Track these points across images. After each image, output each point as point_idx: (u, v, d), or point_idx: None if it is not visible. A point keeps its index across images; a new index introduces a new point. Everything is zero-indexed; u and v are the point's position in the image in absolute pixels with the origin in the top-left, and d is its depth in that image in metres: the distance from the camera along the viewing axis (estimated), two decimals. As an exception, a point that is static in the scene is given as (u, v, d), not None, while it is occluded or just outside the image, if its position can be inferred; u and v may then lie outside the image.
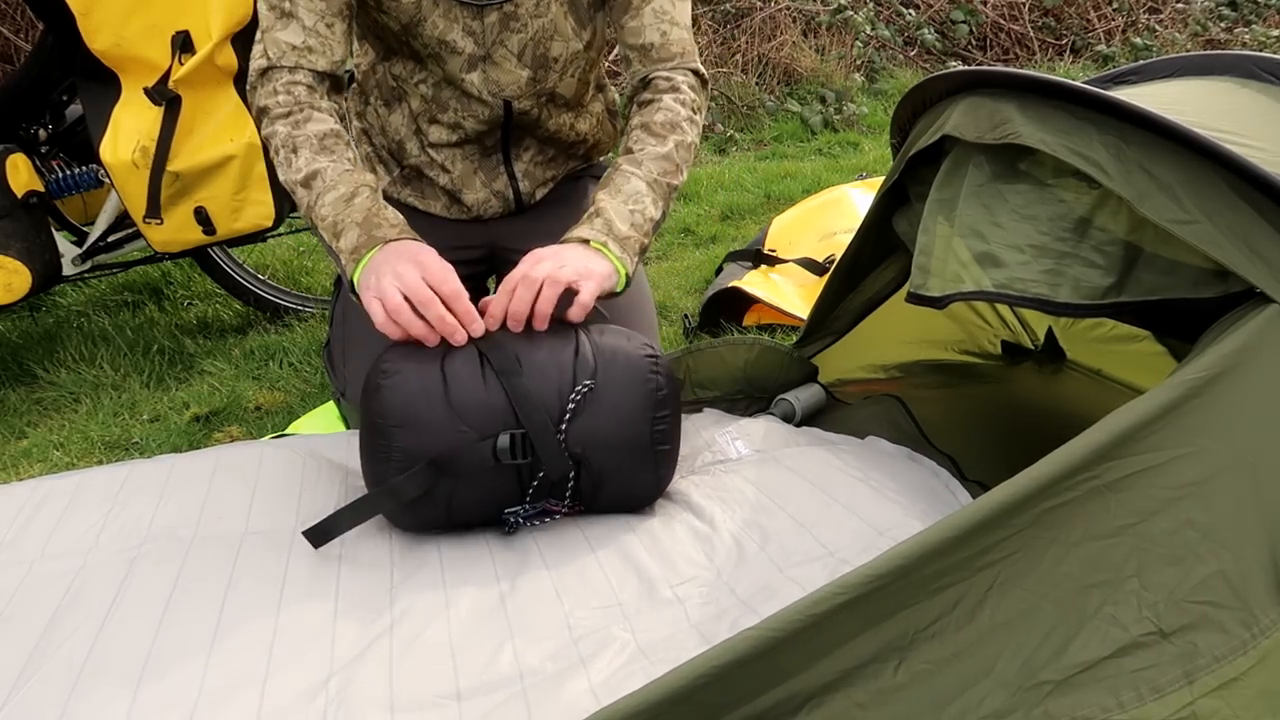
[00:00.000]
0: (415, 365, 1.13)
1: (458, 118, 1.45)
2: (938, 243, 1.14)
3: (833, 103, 4.57)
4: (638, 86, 1.44)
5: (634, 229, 1.28)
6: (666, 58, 1.41)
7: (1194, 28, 5.60)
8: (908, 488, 1.21)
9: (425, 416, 1.10)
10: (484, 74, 1.40)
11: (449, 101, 1.44)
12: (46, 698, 0.88)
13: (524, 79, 1.42)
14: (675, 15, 1.41)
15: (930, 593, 0.74)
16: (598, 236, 1.24)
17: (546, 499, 1.16)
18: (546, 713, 0.85)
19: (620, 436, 1.13)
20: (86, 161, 2.11)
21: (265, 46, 1.30)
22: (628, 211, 1.28)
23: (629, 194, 1.30)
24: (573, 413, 1.12)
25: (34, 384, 2.08)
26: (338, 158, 1.26)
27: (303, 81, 1.30)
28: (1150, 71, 1.35)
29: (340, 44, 1.32)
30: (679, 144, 1.36)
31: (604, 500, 1.17)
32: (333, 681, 0.90)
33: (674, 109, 1.38)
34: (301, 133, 1.27)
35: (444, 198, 1.57)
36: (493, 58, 1.39)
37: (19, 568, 1.08)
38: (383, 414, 1.10)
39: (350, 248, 1.21)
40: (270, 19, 1.30)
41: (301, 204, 1.28)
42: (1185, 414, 0.82)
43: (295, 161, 1.26)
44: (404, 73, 1.45)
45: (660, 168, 1.33)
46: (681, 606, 0.99)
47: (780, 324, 2.20)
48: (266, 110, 1.29)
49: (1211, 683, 0.77)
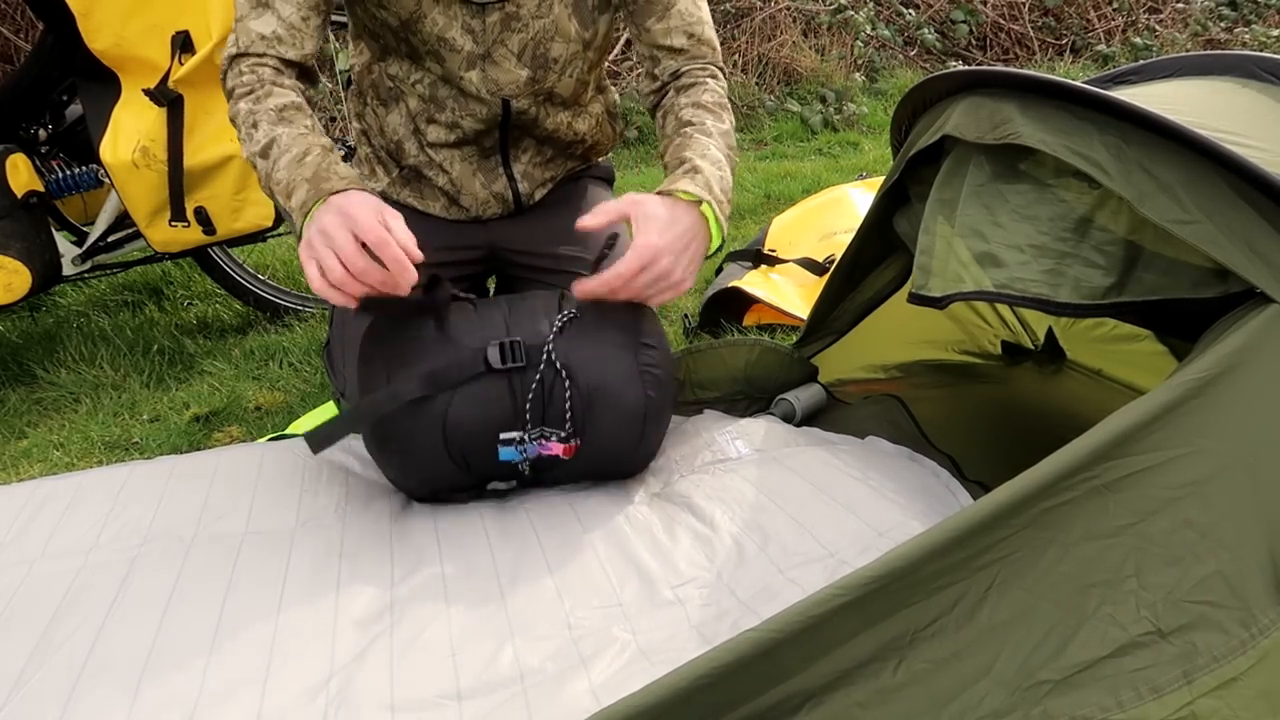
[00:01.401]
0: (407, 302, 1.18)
1: (455, 117, 1.45)
2: (938, 243, 1.14)
3: (833, 103, 4.57)
4: (668, 80, 1.44)
5: (724, 194, 1.28)
6: (699, 55, 1.44)
7: (1194, 28, 5.60)
8: (907, 488, 1.21)
9: (419, 336, 1.18)
10: (483, 73, 1.40)
11: (446, 101, 1.44)
12: (47, 697, 0.89)
13: (523, 79, 1.42)
14: (702, 15, 1.44)
15: (929, 592, 0.74)
16: (706, 195, 1.23)
17: (542, 434, 1.18)
18: (547, 713, 0.85)
19: (605, 353, 1.20)
20: (86, 161, 2.11)
21: (237, 34, 1.30)
22: (719, 176, 1.28)
23: (714, 159, 1.29)
24: (558, 331, 1.19)
25: (34, 384, 2.08)
26: (295, 125, 1.25)
27: (269, 64, 1.29)
28: (1150, 71, 1.35)
29: (313, 38, 1.32)
30: (731, 126, 1.39)
31: (599, 435, 1.20)
32: (333, 681, 0.90)
33: (718, 92, 1.40)
34: (261, 107, 1.26)
35: (443, 199, 1.56)
36: (492, 57, 1.39)
37: (20, 568, 1.08)
38: (377, 340, 1.18)
39: (299, 203, 1.18)
40: (245, 8, 1.30)
41: (261, 176, 1.26)
42: (1185, 414, 0.82)
43: (255, 135, 1.25)
44: (401, 72, 1.44)
45: (726, 142, 1.35)
46: (682, 607, 1.00)
47: (780, 324, 2.20)
48: (232, 92, 1.29)
49: (1210, 682, 0.77)
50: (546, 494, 1.25)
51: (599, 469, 1.26)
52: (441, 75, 1.42)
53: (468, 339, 1.19)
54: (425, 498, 1.24)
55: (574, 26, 1.41)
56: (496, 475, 1.24)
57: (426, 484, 1.22)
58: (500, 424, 1.18)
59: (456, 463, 1.18)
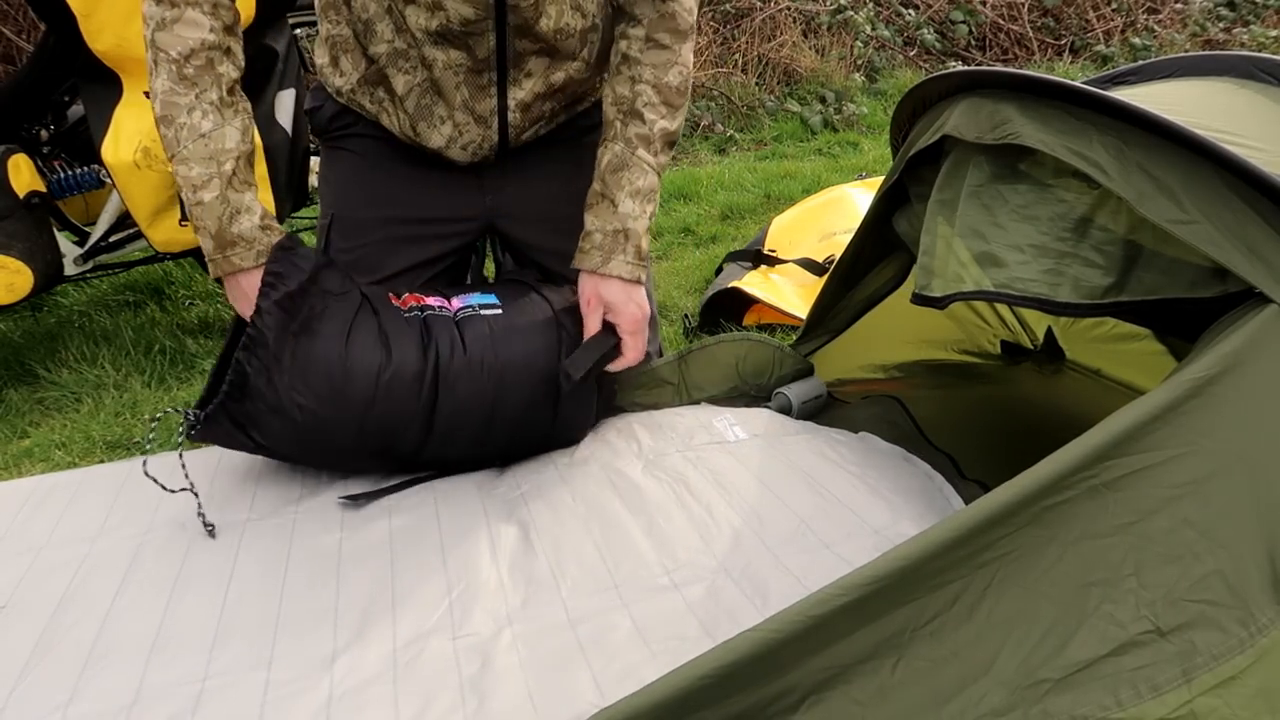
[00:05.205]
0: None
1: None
2: (939, 243, 1.14)
3: (833, 103, 4.57)
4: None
5: (647, 233, 1.31)
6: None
7: (1193, 28, 5.61)
8: (902, 488, 1.22)
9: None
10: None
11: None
12: (57, 679, 0.90)
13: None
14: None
15: (929, 590, 0.75)
16: (635, 273, 1.29)
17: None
18: (549, 700, 0.86)
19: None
20: (88, 162, 2.12)
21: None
22: (647, 219, 1.31)
23: (646, 192, 1.30)
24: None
25: (36, 384, 2.09)
26: (198, 99, 1.14)
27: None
28: (1149, 72, 1.36)
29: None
30: (684, 106, 1.33)
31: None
32: (337, 663, 0.92)
33: (686, 61, 1.30)
34: (164, 40, 1.13)
35: (405, 118, 1.32)
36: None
37: (27, 555, 1.10)
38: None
39: (207, 252, 1.19)
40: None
41: (163, 141, 1.17)
42: (1184, 414, 0.82)
43: (153, 81, 1.14)
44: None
45: (669, 141, 1.32)
46: (679, 592, 1.01)
47: (780, 324, 2.20)
48: (144, 18, 1.15)
49: (1209, 681, 0.77)
50: (540, 470, 1.26)
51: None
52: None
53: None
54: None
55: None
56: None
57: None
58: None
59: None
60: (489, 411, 1.24)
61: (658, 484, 1.21)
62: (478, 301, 1.30)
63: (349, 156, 1.41)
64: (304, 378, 1.15)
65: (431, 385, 1.20)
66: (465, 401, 1.22)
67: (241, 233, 1.18)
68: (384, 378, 1.17)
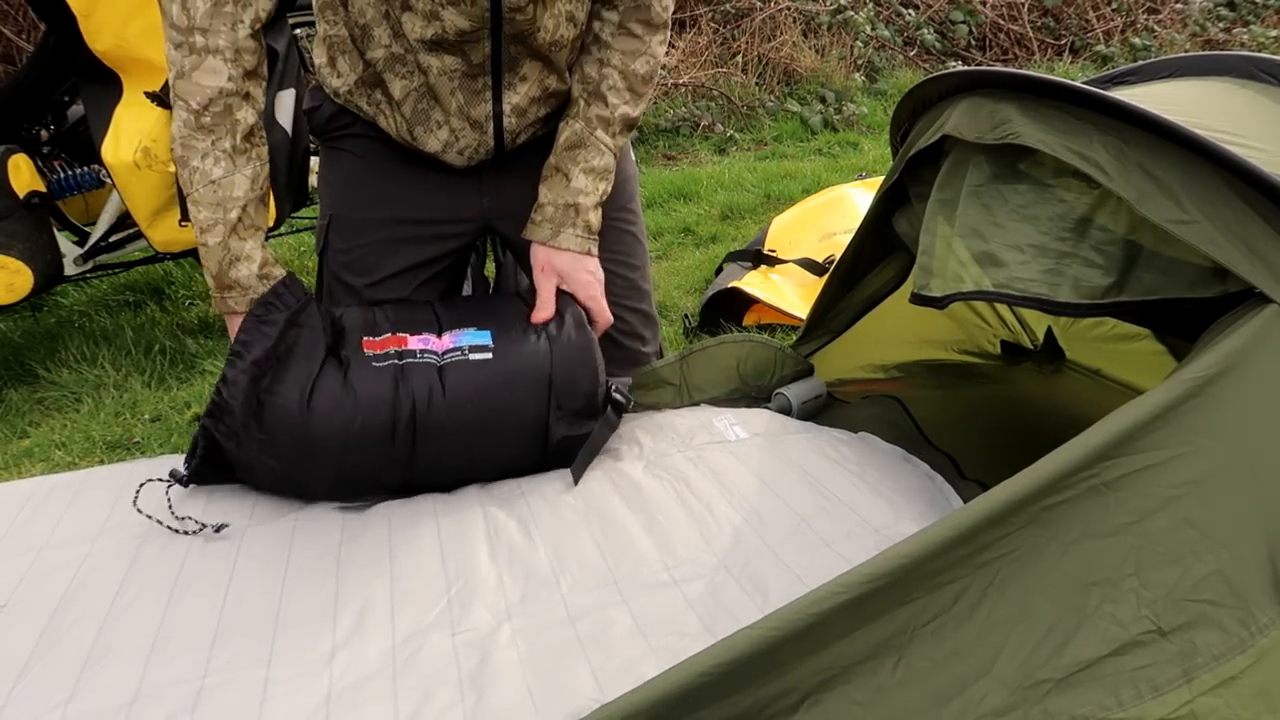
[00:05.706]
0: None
1: (434, 5, 1.20)
2: (939, 243, 1.14)
3: (833, 103, 4.57)
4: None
5: (597, 209, 1.35)
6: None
7: (1193, 28, 5.61)
8: (902, 487, 1.22)
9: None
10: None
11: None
12: (57, 677, 0.90)
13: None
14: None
15: (929, 589, 0.75)
16: (585, 245, 1.34)
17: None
18: (548, 695, 0.86)
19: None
20: (88, 162, 2.12)
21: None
22: (598, 196, 1.34)
23: (600, 171, 1.34)
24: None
25: (36, 384, 2.09)
26: (212, 146, 1.18)
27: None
28: (1149, 72, 1.36)
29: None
30: (648, 94, 1.37)
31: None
32: (336, 659, 0.92)
33: (656, 53, 1.35)
34: (183, 89, 1.17)
35: (403, 121, 1.32)
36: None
37: (27, 555, 1.10)
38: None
39: (210, 287, 1.26)
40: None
41: (179, 178, 1.23)
42: (1184, 413, 0.82)
43: (174, 121, 1.19)
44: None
45: (628, 125, 1.36)
46: (679, 589, 1.01)
47: (780, 324, 2.20)
48: (167, 61, 1.19)
49: (1210, 681, 0.77)
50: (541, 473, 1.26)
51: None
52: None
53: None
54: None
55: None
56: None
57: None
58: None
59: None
60: (472, 458, 1.23)
61: (658, 482, 1.21)
62: (468, 343, 1.26)
63: (347, 157, 1.42)
64: (271, 439, 1.15)
65: (407, 436, 1.18)
66: (446, 451, 1.21)
67: (238, 279, 1.22)
68: (352, 430, 1.16)
